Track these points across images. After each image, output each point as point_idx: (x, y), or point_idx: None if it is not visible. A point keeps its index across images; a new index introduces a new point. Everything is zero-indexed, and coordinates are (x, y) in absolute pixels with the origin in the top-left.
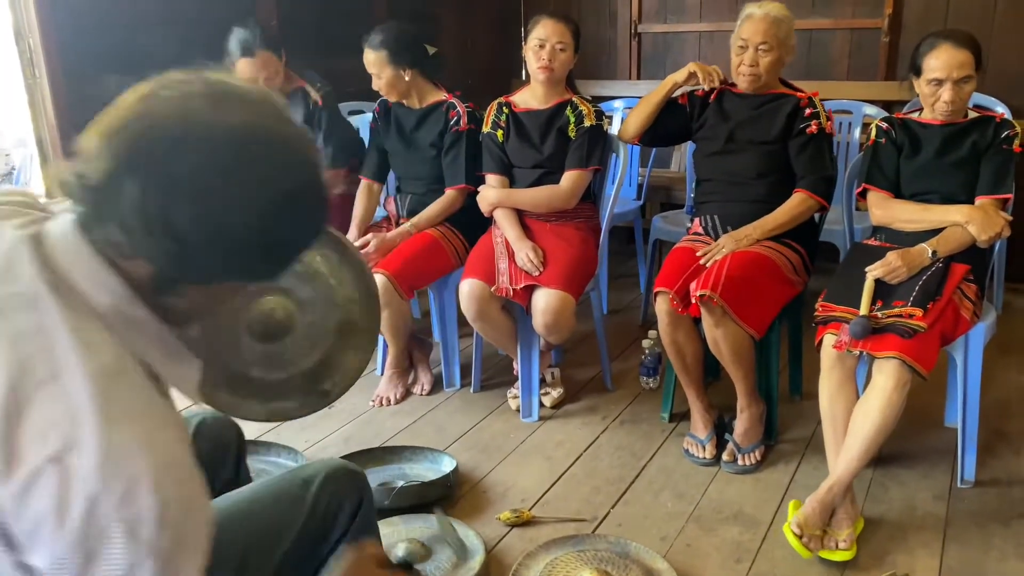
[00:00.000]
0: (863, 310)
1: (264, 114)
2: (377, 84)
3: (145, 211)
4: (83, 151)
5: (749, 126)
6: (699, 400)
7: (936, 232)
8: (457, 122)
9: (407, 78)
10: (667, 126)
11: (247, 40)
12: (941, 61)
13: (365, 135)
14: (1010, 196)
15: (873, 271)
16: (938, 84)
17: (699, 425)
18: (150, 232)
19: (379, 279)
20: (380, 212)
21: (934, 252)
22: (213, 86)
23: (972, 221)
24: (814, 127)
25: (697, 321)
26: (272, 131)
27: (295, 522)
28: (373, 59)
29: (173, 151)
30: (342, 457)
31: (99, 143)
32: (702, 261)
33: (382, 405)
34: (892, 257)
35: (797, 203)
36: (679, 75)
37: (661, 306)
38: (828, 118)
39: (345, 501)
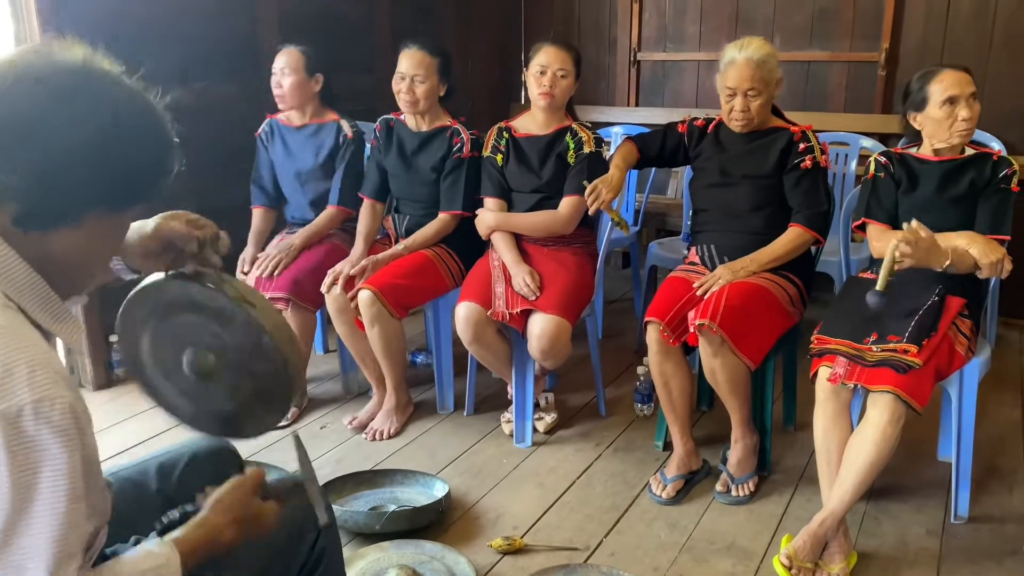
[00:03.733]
0: (880, 285)
1: (94, 62)
2: (409, 88)
3: None
4: None
5: (743, 160)
6: (683, 441)
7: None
8: (460, 148)
9: (441, 93)
10: (662, 151)
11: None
12: (949, 81)
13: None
14: (1008, 238)
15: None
16: (952, 103)
17: (673, 465)
18: None
19: (365, 294)
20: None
21: (950, 264)
22: (42, 53)
23: (974, 244)
24: (808, 162)
25: (691, 350)
26: (97, 71)
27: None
28: (427, 63)
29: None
30: (334, 479)
31: None
32: (698, 292)
33: (375, 439)
34: (917, 225)
35: (793, 237)
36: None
37: (651, 336)
38: (823, 151)
39: (308, 516)
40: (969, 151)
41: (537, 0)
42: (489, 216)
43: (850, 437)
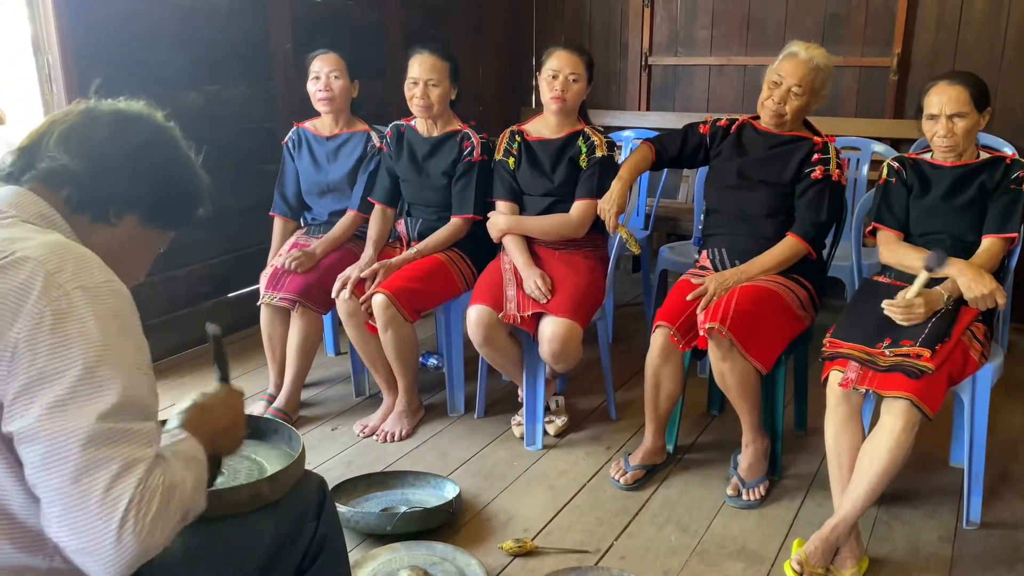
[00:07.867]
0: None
1: (151, 115)
2: (424, 92)
3: (59, 145)
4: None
5: (762, 165)
6: (654, 438)
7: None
8: (471, 152)
9: (452, 97)
10: (681, 152)
11: (325, 48)
12: (934, 98)
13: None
14: (1015, 236)
15: (893, 314)
16: (932, 119)
17: (639, 455)
18: (58, 158)
19: (379, 298)
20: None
21: (948, 297)
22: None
23: (962, 275)
24: (818, 172)
25: (701, 354)
26: (156, 114)
27: (267, 527)
28: (440, 67)
29: (76, 116)
30: (345, 481)
31: (28, 134)
32: (699, 310)
33: (387, 441)
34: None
35: (786, 248)
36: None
37: (657, 339)
38: (839, 166)
39: (308, 504)
40: (984, 155)
41: (548, 4)
42: (501, 219)
43: (863, 443)
